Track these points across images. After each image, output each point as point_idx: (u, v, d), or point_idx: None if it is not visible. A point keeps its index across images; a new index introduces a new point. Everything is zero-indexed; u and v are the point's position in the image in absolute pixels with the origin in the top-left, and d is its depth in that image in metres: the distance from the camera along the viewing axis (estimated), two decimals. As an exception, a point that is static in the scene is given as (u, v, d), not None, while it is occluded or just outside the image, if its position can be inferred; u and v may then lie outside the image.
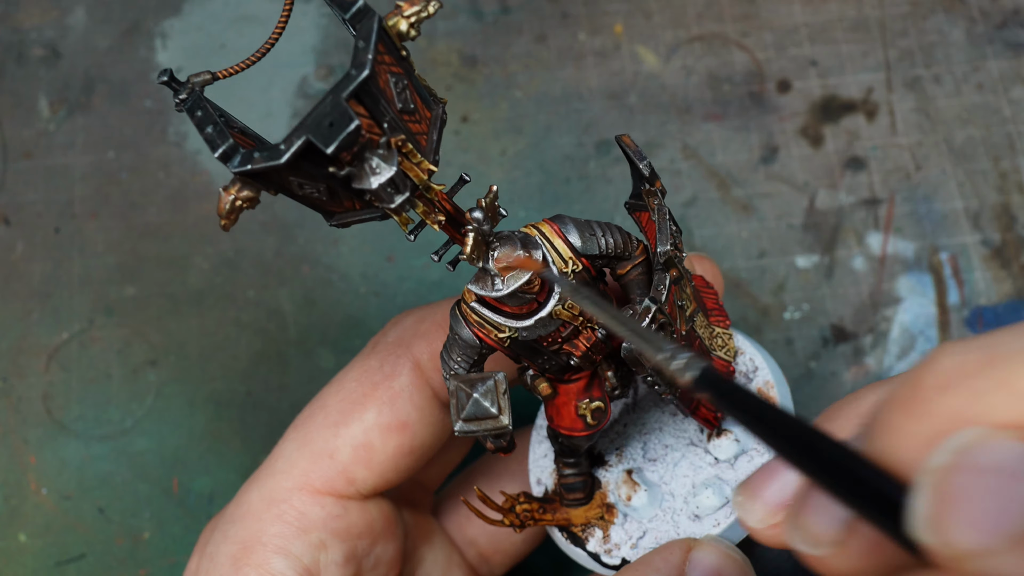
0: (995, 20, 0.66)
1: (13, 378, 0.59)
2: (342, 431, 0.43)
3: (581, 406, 0.41)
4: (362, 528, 0.44)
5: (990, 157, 0.63)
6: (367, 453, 0.43)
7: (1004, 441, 0.21)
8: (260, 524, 0.42)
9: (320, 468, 0.43)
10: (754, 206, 0.62)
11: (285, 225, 0.62)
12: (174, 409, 0.59)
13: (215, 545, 0.43)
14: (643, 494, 0.43)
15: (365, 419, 0.43)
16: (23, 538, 0.56)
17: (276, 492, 0.43)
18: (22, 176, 0.64)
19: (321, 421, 0.44)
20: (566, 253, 0.38)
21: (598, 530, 0.44)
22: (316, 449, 0.43)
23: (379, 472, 0.43)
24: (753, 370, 0.44)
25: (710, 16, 0.67)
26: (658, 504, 0.43)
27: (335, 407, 0.44)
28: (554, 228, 0.38)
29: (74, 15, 0.68)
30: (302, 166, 0.31)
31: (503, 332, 0.38)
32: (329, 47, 0.67)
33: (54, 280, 0.61)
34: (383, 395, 0.44)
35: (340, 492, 0.43)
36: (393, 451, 0.43)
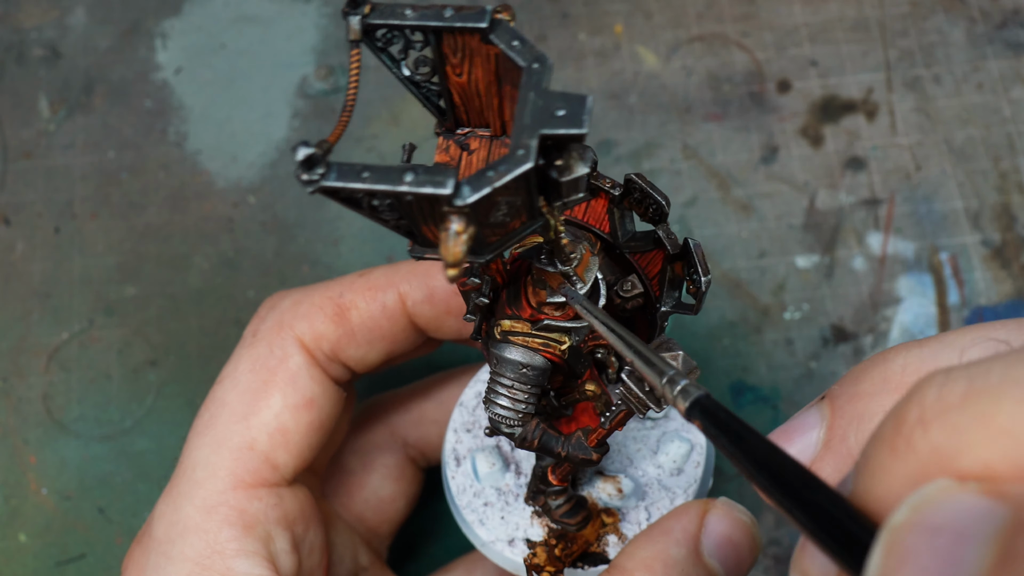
0: (995, 20, 0.66)
1: (13, 378, 0.59)
2: (253, 421, 0.43)
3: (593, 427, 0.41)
4: (296, 514, 0.44)
5: (990, 157, 0.63)
6: (283, 436, 0.43)
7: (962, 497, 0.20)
8: (207, 535, 0.41)
9: (244, 462, 0.43)
10: (754, 206, 0.62)
11: (285, 225, 0.62)
12: (174, 409, 0.59)
13: (160, 569, 0.41)
14: (626, 481, 0.44)
15: (272, 404, 0.44)
16: (23, 538, 0.56)
17: (209, 498, 0.42)
18: (22, 176, 0.64)
19: (228, 417, 0.44)
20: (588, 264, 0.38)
21: (611, 536, 0.44)
22: (233, 445, 0.43)
23: (297, 452, 0.44)
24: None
25: (710, 16, 0.67)
26: (641, 482, 0.44)
27: (238, 401, 0.44)
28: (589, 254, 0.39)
29: (74, 15, 0.68)
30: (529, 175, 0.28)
31: (564, 343, 0.37)
32: (329, 47, 0.67)
33: (54, 280, 0.61)
34: (282, 378, 0.44)
35: (268, 480, 0.43)
36: (305, 429, 0.44)
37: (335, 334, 0.45)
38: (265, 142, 0.64)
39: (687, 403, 0.28)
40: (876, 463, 0.23)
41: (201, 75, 0.66)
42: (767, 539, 0.56)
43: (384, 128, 0.65)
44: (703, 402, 0.27)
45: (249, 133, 0.65)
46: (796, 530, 0.26)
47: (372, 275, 0.46)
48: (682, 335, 0.60)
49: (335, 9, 0.68)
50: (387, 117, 0.65)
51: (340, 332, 0.45)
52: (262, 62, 0.66)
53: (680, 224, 0.62)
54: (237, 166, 0.64)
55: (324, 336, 0.45)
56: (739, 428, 0.26)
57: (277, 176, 0.64)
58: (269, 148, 0.64)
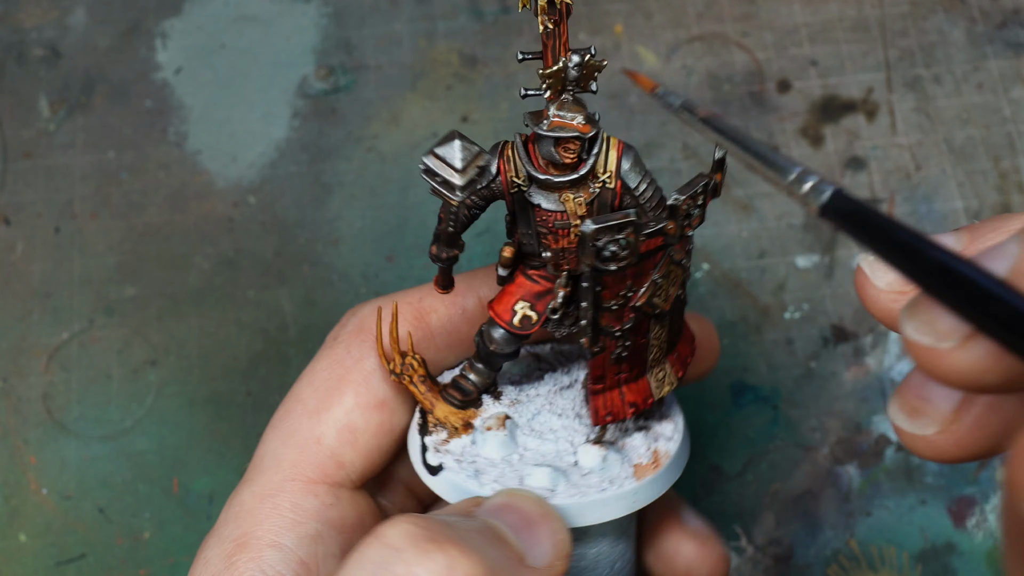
0: (995, 20, 0.66)
1: (13, 378, 0.59)
2: (324, 416, 0.44)
3: (519, 304, 0.41)
4: (355, 520, 0.44)
5: (990, 157, 0.63)
6: (352, 434, 0.44)
7: None
8: (253, 520, 0.42)
9: (309, 455, 0.43)
10: (754, 206, 0.62)
11: (285, 225, 0.62)
12: (174, 409, 0.59)
13: (210, 548, 0.42)
14: (500, 437, 0.43)
15: (344, 402, 0.44)
16: (23, 538, 0.56)
17: (267, 487, 0.43)
18: (22, 176, 0.64)
19: (300, 412, 0.44)
20: (611, 166, 0.39)
21: (445, 432, 0.44)
22: (301, 439, 0.43)
23: (365, 453, 0.44)
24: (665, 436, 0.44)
25: (710, 16, 0.67)
26: (506, 458, 0.43)
27: (311, 397, 0.44)
28: (619, 146, 0.40)
29: (74, 15, 0.68)
30: None
31: (519, 177, 0.39)
32: (329, 47, 0.67)
33: (54, 280, 0.61)
34: (357, 377, 0.44)
35: (332, 477, 0.43)
36: (375, 429, 0.44)
37: (413, 338, 0.45)
38: (265, 142, 0.64)
39: (819, 202, 0.27)
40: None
41: (201, 75, 0.66)
42: (767, 539, 0.56)
43: (384, 128, 0.65)
44: (836, 202, 0.27)
45: (249, 133, 0.65)
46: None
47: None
48: (682, 335, 0.60)
49: (335, 9, 0.68)
50: (387, 117, 0.65)
51: (419, 336, 0.45)
52: (262, 62, 0.66)
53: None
54: (237, 166, 0.64)
55: (402, 340, 0.45)
56: (881, 221, 0.26)
57: (277, 176, 0.64)
58: (269, 148, 0.64)
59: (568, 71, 0.38)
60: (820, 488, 0.57)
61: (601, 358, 0.40)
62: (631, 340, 0.40)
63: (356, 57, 0.66)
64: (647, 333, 0.41)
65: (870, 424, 0.58)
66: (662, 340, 0.42)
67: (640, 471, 0.42)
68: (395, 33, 0.67)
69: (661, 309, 0.40)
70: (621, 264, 0.37)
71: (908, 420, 0.29)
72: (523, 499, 0.39)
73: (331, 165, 0.64)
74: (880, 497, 0.57)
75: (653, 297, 0.39)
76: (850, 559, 0.56)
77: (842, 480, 0.57)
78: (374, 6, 0.68)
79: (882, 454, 0.57)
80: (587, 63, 0.38)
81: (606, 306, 0.39)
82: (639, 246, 0.37)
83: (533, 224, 0.40)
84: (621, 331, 0.39)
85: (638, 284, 0.39)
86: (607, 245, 0.36)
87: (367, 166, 0.64)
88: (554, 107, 0.38)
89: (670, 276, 0.40)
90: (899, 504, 0.56)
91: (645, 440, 0.43)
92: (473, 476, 0.42)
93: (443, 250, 0.41)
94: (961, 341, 0.25)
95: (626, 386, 0.42)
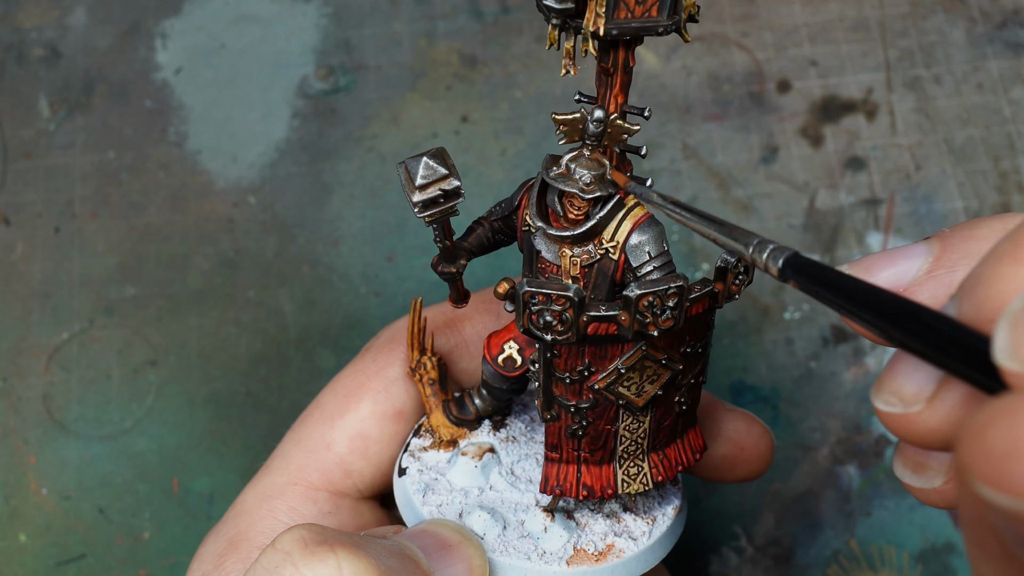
0: (995, 20, 0.66)
1: (13, 378, 0.59)
2: (337, 423, 0.44)
3: (509, 344, 0.41)
4: (354, 529, 0.43)
5: (990, 157, 0.63)
6: (363, 443, 0.43)
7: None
8: (249, 520, 0.42)
9: (316, 460, 0.43)
10: (754, 206, 0.62)
11: (285, 225, 0.62)
12: (174, 409, 0.59)
13: (206, 545, 0.43)
14: (471, 466, 0.42)
15: (360, 409, 0.44)
16: (23, 538, 0.56)
17: (269, 488, 0.43)
18: (22, 176, 0.64)
19: (317, 418, 0.44)
20: (620, 236, 0.37)
21: (428, 441, 0.43)
22: (312, 443, 0.43)
23: (376, 463, 0.44)
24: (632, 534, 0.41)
25: (710, 16, 0.67)
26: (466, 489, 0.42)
27: (330, 403, 0.44)
28: (639, 217, 0.37)
29: (74, 15, 0.68)
30: None
31: (531, 218, 0.38)
32: (329, 47, 0.67)
33: (54, 280, 0.61)
34: (377, 385, 0.44)
35: (337, 485, 0.43)
36: (389, 439, 0.44)
37: (447, 346, 0.45)
38: (265, 142, 0.64)
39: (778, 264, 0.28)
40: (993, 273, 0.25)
41: (201, 75, 0.66)
42: (767, 539, 0.56)
43: (384, 128, 0.65)
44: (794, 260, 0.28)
45: (249, 133, 0.65)
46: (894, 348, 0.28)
47: (488, 291, 0.46)
48: (682, 335, 0.60)
49: (335, 9, 0.68)
50: (387, 117, 0.65)
51: (452, 344, 0.45)
52: (262, 62, 0.66)
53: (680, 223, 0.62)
54: (237, 166, 0.64)
55: (437, 349, 0.45)
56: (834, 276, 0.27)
57: (277, 176, 0.64)
58: (269, 148, 0.64)
59: (587, 124, 0.36)
60: (820, 488, 0.57)
61: (555, 427, 0.38)
62: (589, 421, 0.38)
63: (356, 57, 0.66)
64: (615, 422, 0.38)
65: (870, 424, 0.58)
66: (639, 435, 0.39)
67: (577, 558, 0.40)
68: (395, 33, 0.67)
69: (630, 402, 0.37)
70: (558, 337, 0.35)
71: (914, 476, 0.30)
72: (442, 526, 0.38)
73: (331, 165, 0.64)
74: (880, 497, 0.57)
75: (616, 386, 0.37)
76: (850, 559, 0.56)
77: (842, 480, 0.57)
78: (374, 6, 0.68)
79: (882, 454, 0.57)
80: (611, 122, 0.36)
81: (559, 376, 0.36)
82: (580, 325, 0.35)
83: (535, 270, 0.39)
84: (576, 408, 0.37)
85: (599, 366, 0.36)
86: (542, 312, 0.34)
87: (367, 166, 0.64)
88: (567, 157, 0.37)
89: (645, 371, 0.37)
90: (899, 504, 0.56)
91: (608, 528, 0.41)
92: (420, 491, 0.41)
93: (440, 263, 0.40)
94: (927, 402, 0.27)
95: (585, 466, 0.39)
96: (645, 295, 0.34)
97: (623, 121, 0.37)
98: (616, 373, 0.36)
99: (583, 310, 0.34)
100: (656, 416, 0.39)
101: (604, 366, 0.36)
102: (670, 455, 0.40)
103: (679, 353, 0.37)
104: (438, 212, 0.37)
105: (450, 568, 0.37)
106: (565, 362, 0.36)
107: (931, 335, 0.25)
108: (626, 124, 0.37)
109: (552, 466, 0.39)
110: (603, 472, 0.39)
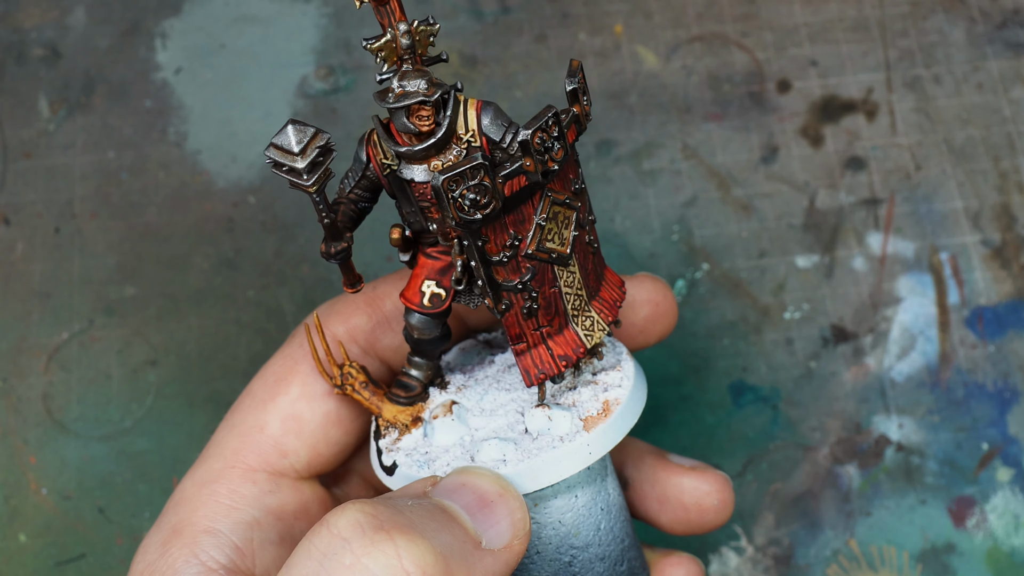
0: (995, 20, 0.66)
1: (13, 378, 0.59)
2: (269, 406, 0.44)
3: (426, 284, 0.42)
4: (296, 508, 0.44)
5: (990, 157, 0.63)
6: (296, 424, 0.44)
7: None
8: (190, 507, 0.42)
9: (251, 444, 0.43)
10: (754, 206, 0.62)
11: (285, 225, 0.62)
12: (174, 409, 0.59)
13: (149, 536, 0.42)
14: (448, 423, 0.43)
15: (291, 392, 0.44)
16: (23, 538, 0.56)
17: (207, 474, 0.43)
18: (22, 176, 0.64)
19: (248, 403, 0.44)
20: (472, 124, 0.39)
21: (396, 432, 0.44)
22: (246, 427, 0.44)
23: (310, 443, 0.44)
24: (614, 385, 0.43)
25: (710, 16, 0.67)
26: (457, 441, 0.43)
27: (260, 389, 0.45)
28: (476, 104, 0.40)
29: (74, 15, 0.68)
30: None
31: (388, 158, 0.40)
32: (329, 47, 0.67)
33: (54, 280, 0.61)
34: (305, 368, 0.44)
35: (274, 466, 0.43)
36: (322, 419, 0.44)
37: (369, 324, 0.45)
38: (265, 142, 0.64)
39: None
40: None
41: (201, 75, 0.66)
42: (767, 539, 0.56)
43: (384, 128, 0.65)
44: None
45: (249, 133, 0.65)
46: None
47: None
48: (682, 335, 0.60)
49: (335, 9, 0.68)
50: (387, 117, 0.65)
51: (374, 322, 0.45)
52: (262, 62, 0.66)
53: (680, 224, 0.62)
54: (237, 166, 0.64)
55: (359, 328, 0.45)
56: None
57: (277, 176, 0.63)
58: (269, 148, 0.64)
59: (399, 40, 0.38)
60: (820, 488, 0.57)
61: (511, 316, 0.40)
62: (537, 291, 0.40)
63: (356, 57, 0.66)
64: (555, 281, 0.40)
65: (870, 424, 0.58)
66: (577, 287, 0.41)
67: (589, 423, 0.42)
68: (395, 33, 0.67)
69: (559, 254, 0.40)
70: (486, 212, 0.37)
71: None
72: (479, 476, 0.39)
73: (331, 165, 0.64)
74: (880, 497, 0.57)
75: (544, 242, 0.39)
76: (850, 559, 0.56)
77: (842, 480, 0.57)
78: (374, 6, 0.68)
79: (882, 454, 0.57)
80: (416, 30, 0.38)
81: (495, 259, 0.38)
82: (499, 189, 0.37)
83: (414, 200, 0.40)
84: (522, 283, 0.39)
85: (522, 231, 0.39)
86: (465, 195, 0.36)
87: (367, 166, 0.64)
88: (396, 79, 0.38)
89: (559, 218, 0.39)
90: (899, 504, 0.56)
91: (593, 392, 0.43)
92: (424, 465, 0.42)
93: (331, 245, 0.41)
94: None
95: (551, 340, 0.41)
96: (535, 132, 0.37)
97: (422, 26, 0.39)
98: (539, 228, 0.39)
99: (496, 172, 0.37)
100: (580, 262, 0.41)
101: (526, 229, 0.38)
102: (605, 296, 0.43)
103: (571, 192, 0.40)
104: (322, 175, 0.39)
105: (495, 527, 0.37)
106: (495, 243, 0.38)
107: None
108: (424, 27, 0.39)
109: (525, 358, 0.41)
110: (567, 337, 0.41)
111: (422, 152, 0.39)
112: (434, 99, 0.38)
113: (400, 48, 0.38)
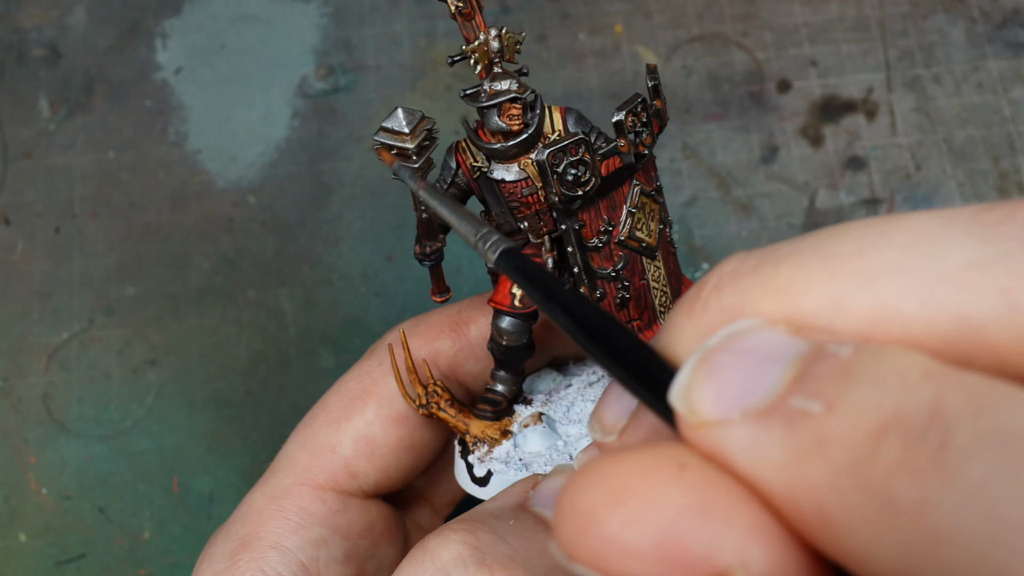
0: (995, 20, 0.66)
1: (13, 378, 0.59)
2: (343, 426, 0.44)
3: (513, 289, 0.42)
4: (363, 527, 0.44)
5: (990, 157, 0.63)
6: (368, 446, 0.44)
7: (771, 331, 0.23)
8: (259, 520, 0.42)
9: (322, 462, 0.43)
10: (754, 206, 0.62)
11: (285, 225, 0.62)
12: (174, 409, 0.59)
13: (216, 545, 0.43)
14: (540, 430, 0.43)
15: (366, 413, 0.44)
16: (23, 538, 0.56)
17: (277, 489, 0.43)
18: (22, 176, 0.64)
19: (323, 419, 0.44)
20: (559, 126, 0.41)
21: (486, 446, 0.44)
22: (318, 445, 0.44)
23: (381, 466, 0.44)
24: None
25: (710, 16, 0.67)
26: (550, 448, 0.43)
27: (336, 405, 0.44)
28: (560, 109, 0.41)
29: (74, 15, 0.68)
30: None
31: (477, 161, 0.41)
32: (329, 47, 0.67)
33: (54, 280, 0.61)
34: (382, 390, 0.44)
35: (343, 486, 0.43)
36: (394, 444, 0.44)
37: (452, 349, 0.45)
38: (265, 142, 0.64)
39: (496, 254, 0.29)
40: (674, 323, 0.25)
41: (201, 75, 0.66)
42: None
43: (384, 128, 0.65)
44: (508, 252, 0.29)
45: (249, 133, 0.65)
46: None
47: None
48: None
49: (335, 9, 0.68)
50: (387, 117, 0.65)
51: (458, 347, 0.45)
52: (262, 62, 0.66)
53: (680, 224, 0.62)
54: (237, 166, 0.64)
55: (441, 352, 0.45)
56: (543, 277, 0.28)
57: (277, 176, 0.64)
58: (269, 148, 0.64)
59: (489, 43, 0.40)
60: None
61: (604, 306, 0.40)
62: (629, 281, 0.41)
63: (356, 57, 0.66)
64: (644, 274, 0.41)
65: (870, 424, 0.58)
66: (663, 283, 0.42)
67: None
68: (395, 33, 0.67)
69: (648, 244, 0.41)
70: (586, 188, 0.38)
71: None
72: None
73: (331, 165, 0.64)
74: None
75: (635, 230, 0.40)
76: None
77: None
78: (374, 6, 0.68)
79: (882, 454, 0.57)
80: (505, 36, 0.40)
81: (590, 245, 0.39)
82: (598, 166, 0.38)
83: (503, 201, 0.41)
84: (615, 271, 0.40)
85: (614, 217, 0.40)
86: (567, 170, 0.38)
87: (367, 166, 0.64)
88: (487, 81, 0.40)
89: (645, 209, 0.41)
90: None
91: None
92: (522, 469, 0.42)
93: (425, 244, 0.42)
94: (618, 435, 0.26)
95: (641, 335, 0.41)
96: (628, 113, 0.38)
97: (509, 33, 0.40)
98: (630, 216, 0.40)
99: (594, 150, 0.38)
100: (664, 258, 0.42)
101: (618, 216, 0.40)
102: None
103: (654, 186, 0.41)
104: (426, 162, 0.40)
105: None
106: (590, 228, 0.39)
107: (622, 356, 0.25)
108: (511, 34, 0.40)
109: None
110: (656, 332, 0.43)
111: (513, 149, 0.40)
112: (525, 96, 0.39)
113: (491, 51, 0.40)
